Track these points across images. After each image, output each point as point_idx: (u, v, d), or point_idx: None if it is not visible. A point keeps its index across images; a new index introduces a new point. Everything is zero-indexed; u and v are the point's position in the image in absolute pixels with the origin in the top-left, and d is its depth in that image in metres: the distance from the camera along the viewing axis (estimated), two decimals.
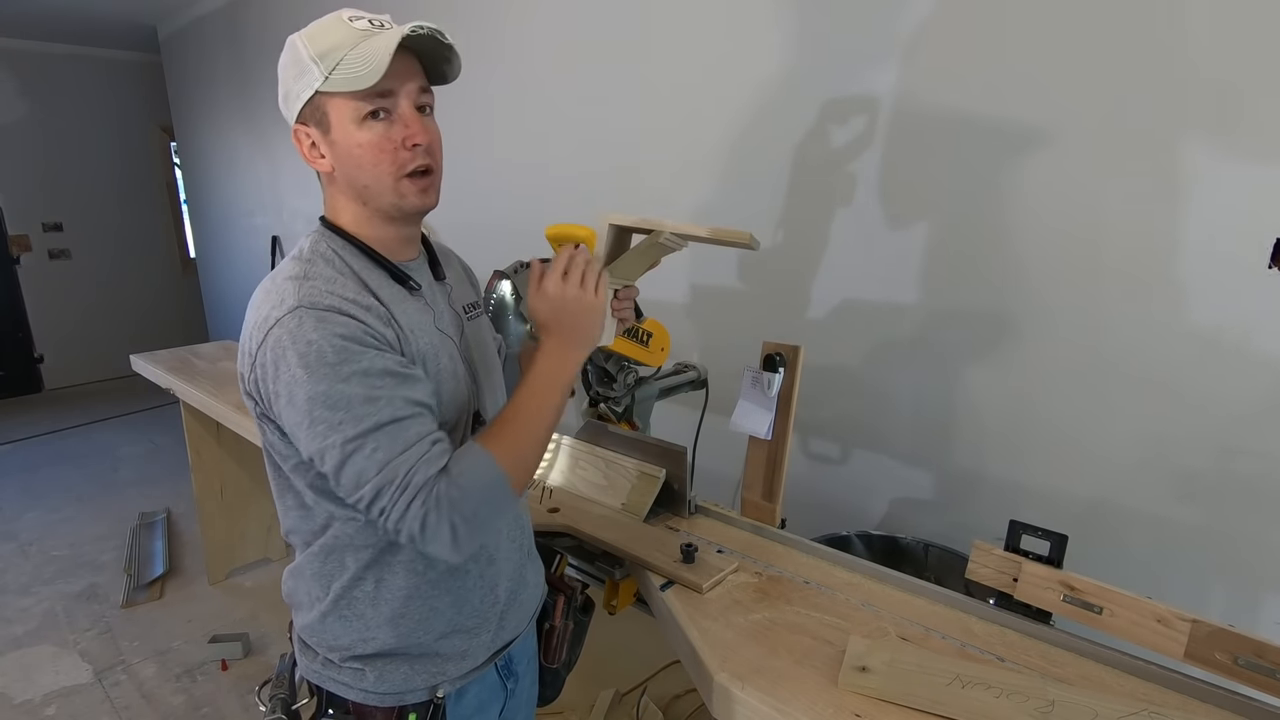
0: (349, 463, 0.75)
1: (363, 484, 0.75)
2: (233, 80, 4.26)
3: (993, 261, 1.53)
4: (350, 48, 0.78)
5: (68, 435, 4.69)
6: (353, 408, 0.74)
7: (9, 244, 5.38)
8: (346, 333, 0.75)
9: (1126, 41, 1.31)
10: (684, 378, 1.73)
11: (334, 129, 0.81)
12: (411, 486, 0.75)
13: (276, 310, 0.77)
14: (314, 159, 0.84)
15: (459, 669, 0.93)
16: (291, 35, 0.82)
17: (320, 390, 0.74)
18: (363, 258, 0.85)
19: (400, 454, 0.75)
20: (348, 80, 0.77)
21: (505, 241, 2.46)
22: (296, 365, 0.74)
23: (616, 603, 1.30)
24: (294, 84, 0.81)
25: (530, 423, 0.83)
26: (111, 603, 2.77)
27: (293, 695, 0.98)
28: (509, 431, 0.81)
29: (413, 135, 0.81)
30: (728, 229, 0.91)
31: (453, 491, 0.76)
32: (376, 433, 0.75)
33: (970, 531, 1.21)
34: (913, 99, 1.59)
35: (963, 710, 0.85)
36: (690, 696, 1.81)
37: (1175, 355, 1.33)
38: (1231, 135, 1.23)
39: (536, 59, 2.42)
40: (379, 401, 0.75)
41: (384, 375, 0.76)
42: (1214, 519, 1.33)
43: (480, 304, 1.04)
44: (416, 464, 0.75)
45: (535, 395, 0.83)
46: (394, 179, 0.82)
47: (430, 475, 0.75)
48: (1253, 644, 0.86)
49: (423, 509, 0.75)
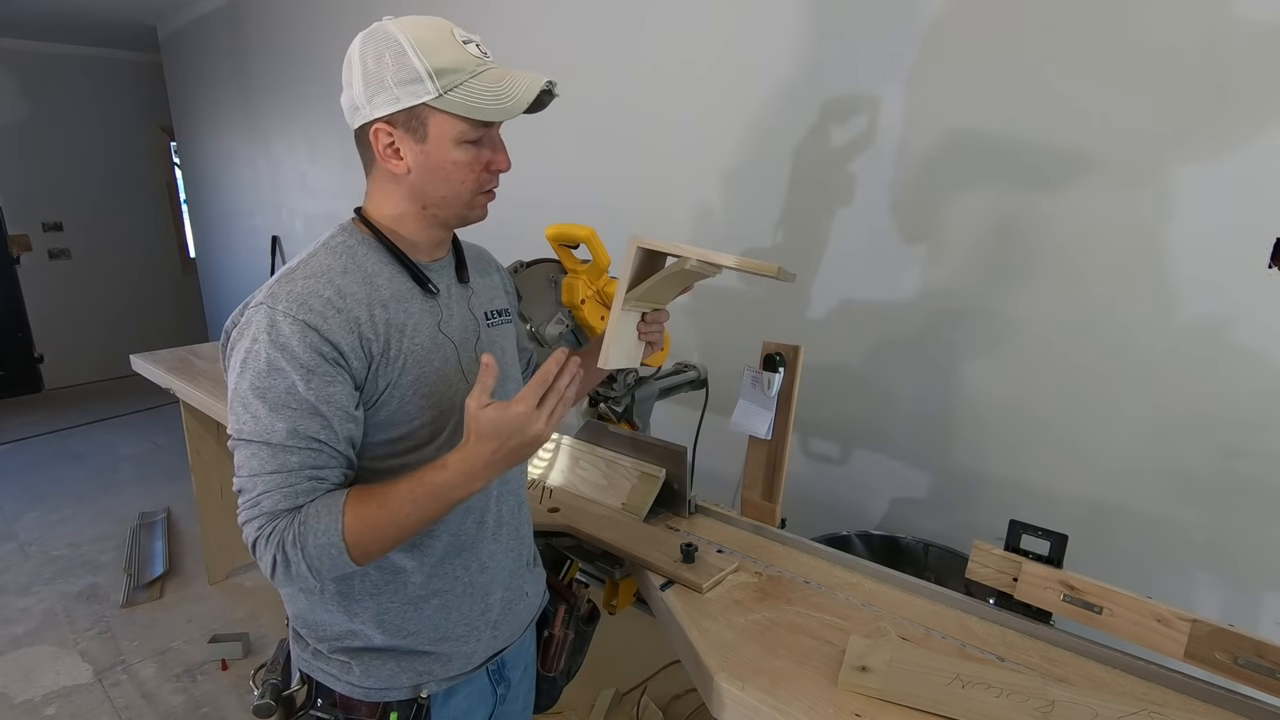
0: (235, 454, 0.80)
1: (235, 476, 0.81)
2: (233, 80, 4.26)
3: (993, 261, 1.53)
4: (470, 74, 0.80)
5: (68, 435, 4.69)
6: (259, 418, 0.78)
7: (9, 244, 5.38)
8: (286, 345, 0.77)
9: (1126, 46, 1.31)
10: (684, 378, 1.73)
11: (431, 141, 0.82)
12: (258, 508, 0.78)
13: (257, 296, 0.82)
14: (387, 157, 0.84)
15: (446, 671, 0.94)
16: (389, 27, 0.80)
17: (244, 388, 0.79)
18: (384, 254, 0.87)
19: (268, 474, 0.78)
20: (471, 108, 0.80)
21: (506, 240, 2.45)
22: (237, 359, 0.80)
23: (616, 603, 1.30)
24: (395, 86, 0.79)
25: (403, 516, 0.78)
26: (111, 603, 2.77)
27: (285, 681, 0.98)
28: (378, 511, 0.78)
29: (499, 163, 0.87)
30: (755, 261, 0.89)
31: (288, 534, 0.77)
32: (262, 446, 0.78)
33: (970, 531, 1.21)
34: (913, 99, 1.59)
35: (963, 710, 0.85)
36: (690, 696, 1.81)
37: (1175, 355, 1.33)
38: (1231, 134, 1.23)
39: (540, 59, 2.42)
40: (278, 423, 0.78)
41: (299, 403, 0.78)
42: (1214, 519, 1.33)
43: (508, 313, 1.04)
44: (275, 490, 0.78)
45: (421, 494, 0.78)
46: (473, 194, 0.87)
47: (278, 509, 0.78)
48: (1253, 644, 0.86)
49: (257, 532, 0.78)
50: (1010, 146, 1.47)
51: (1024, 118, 1.44)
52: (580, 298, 1.39)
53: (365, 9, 2.98)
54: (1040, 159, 1.43)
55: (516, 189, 2.61)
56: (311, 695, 0.94)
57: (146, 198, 6.02)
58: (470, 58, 0.81)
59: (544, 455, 1.59)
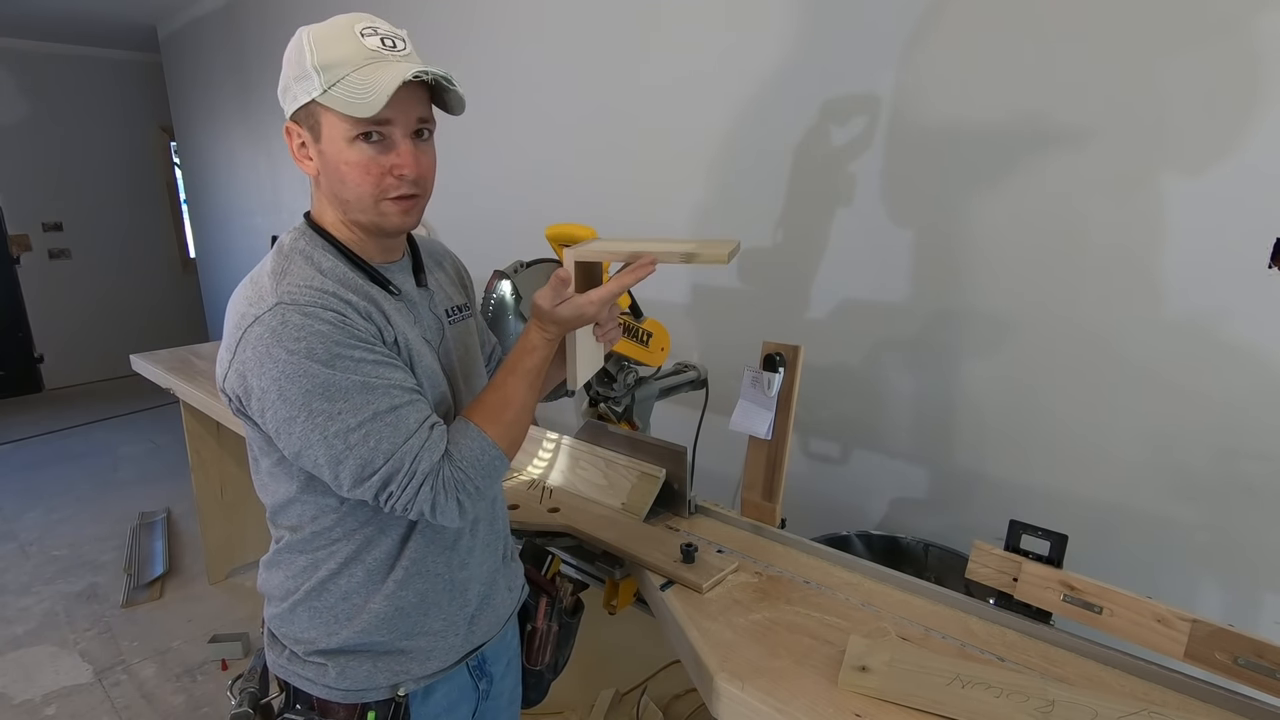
0: (352, 452, 0.77)
1: (369, 473, 0.78)
2: (232, 80, 4.26)
3: (993, 261, 1.53)
4: (354, 68, 0.76)
5: (68, 435, 4.69)
6: (351, 397, 0.76)
7: (9, 244, 5.38)
8: (331, 326, 0.76)
9: (1124, 44, 1.31)
10: (684, 378, 1.73)
11: (324, 140, 0.80)
12: (419, 474, 0.79)
13: (255, 307, 0.78)
14: (301, 159, 0.85)
15: (424, 669, 0.94)
16: (302, 28, 0.80)
17: (317, 383, 0.75)
18: (340, 258, 0.85)
19: (404, 442, 0.79)
20: (345, 102, 0.76)
21: (505, 240, 2.46)
22: (286, 360, 0.75)
23: (616, 603, 1.30)
24: (293, 84, 0.80)
25: (526, 400, 0.87)
26: (111, 603, 2.77)
27: (263, 689, 0.99)
28: (497, 404, 0.86)
29: (401, 166, 0.80)
30: (705, 250, 0.84)
31: (457, 474, 0.81)
32: (376, 421, 0.77)
33: (970, 531, 1.21)
34: (913, 99, 1.59)
35: (963, 710, 0.85)
36: (690, 696, 1.81)
37: (1175, 354, 1.33)
38: (1230, 134, 1.23)
39: (540, 57, 2.42)
40: (375, 390, 0.77)
41: (375, 364, 0.78)
42: (1214, 518, 1.33)
43: (468, 306, 1.04)
44: (420, 451, 0.79)
45: (533, 378, 0.88)
46: (374, 200, 0.81)
47: (434, 461, 0.80)
48: (1253, 644, 0.86)
49: (431, 493, 0.80)
50: (1011, 146, 1.47)
51: (1025, 119, 1.44)
52: None
53: (365, 9, 2.97)
54: (1040, 158, 1.43)
55: (518, 187, 2.62)
56: (289, 701, 0.94)
57: (146, 198, 6.02)
58: (362, 51, 0.77)
59: (544, 455, 1.59)
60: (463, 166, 2.71)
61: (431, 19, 2.75)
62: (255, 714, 0.98)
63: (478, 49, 2.60)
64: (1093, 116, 1.36)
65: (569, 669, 1.25)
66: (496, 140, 2.63)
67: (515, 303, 1.65)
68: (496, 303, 1.64)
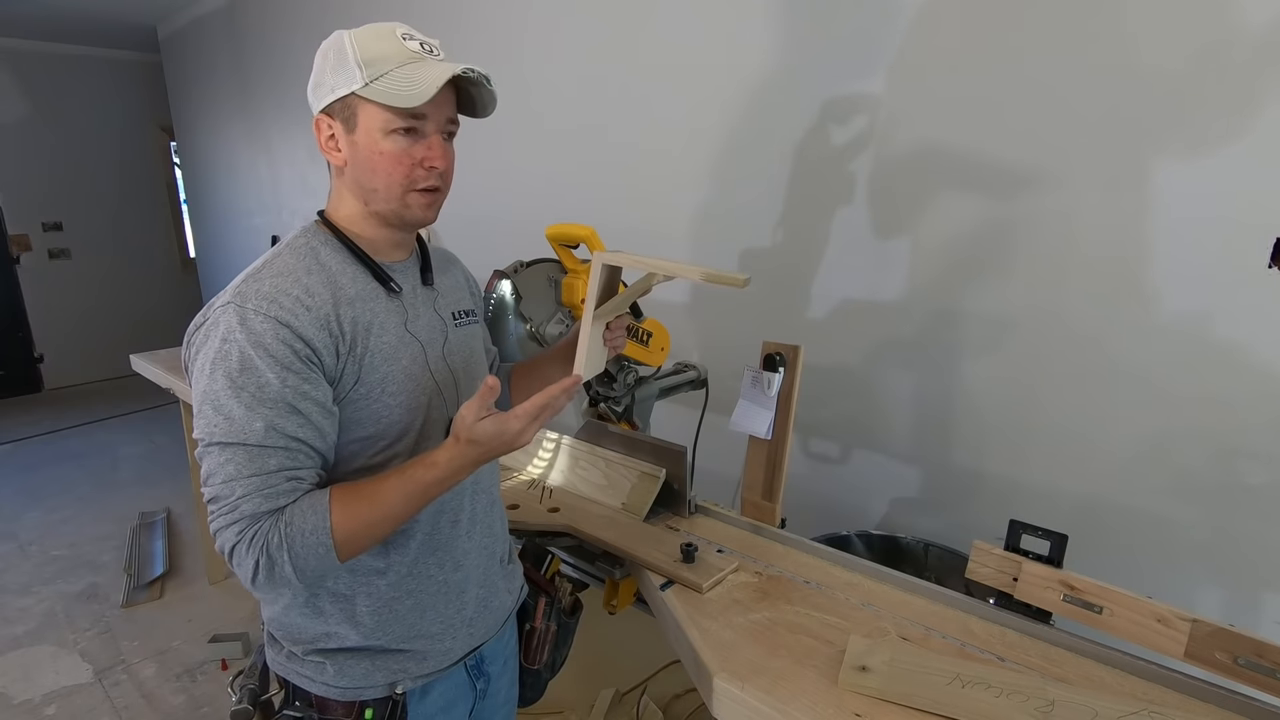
0: (205, 460, 0.78)
1: (206, 485, 0.78)
2: (232, 80, 4.26)
3: (993, 261, 1.53)
4: (398, 64, 0.81)
5: (68, 435, 4.69)
6: (234, 418, 0.77)
7: (9, 244, 5.38)
8: (260, 342, 0.77)
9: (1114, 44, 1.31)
10: (684, 378, 1.73)
11: (359, 131, 0.84)
12: (237, 512, 0.76)
13: (220, 299, 0.81)
14: (329, 150, 0.87)
15: (421, 668, 0.94)
16: (340, 30, 0.85)
17: (215, 390, 0.77)
18: (345, 254, 0.87)
19: (247, 477, 0.77)
20: (389, 94, 0.81)
21: (505, 240, 2.46)
22: (205, 360, 0.78)
23: (616, 603, 1.30)
24: (330, 77, 0.83)
25: (394, 511, 0.80)
26: (111, 603, 2.77)
27: (263, 686, 0.99)
28: (369, 508, 0.79)
29: (432, 158, 0.85)
30: (724, 274, 0.88)
31: (273, 536, 0.76)
32: (239, 448, 0.77)
33: (970, 531, 1.21)
34: (912, 100, 1.59)
35: (963, 710, 0.85)
36: (690, 696, 1.81)
37: (1175, 355, 1.33)
38: (1230, 133, 1.23)
39: (540, 59, 2.42)
40: (255, 422, 0.77)
41: (274, 401, 0.77)
42: (1214, 518, 1.33)
43: (475, 313, 1.05)
44: (255, 493, 0.76)
45: (413, 490, 0.80)
46: (403, 190, 0.86)
47: (260, 510, 0.77)
48: (1253, 644, 0.86)
49: (237, 537, 0.76)
50: (1010, 145, 1.47)
51: (1025, 118, 1.44)
52: (580, 297, 1.39)
53: (365, 9, 2.98)
54: (1039, 158, 1.43)
55: (519, 187, 2.62)
56: (289, 698, 0.94)
57: (146, 198, 6.02)
58: (404, 51, 0.82)
59: (544, 455, 1.59)
60: (465, 165, 2.71)
61: (431, 26, 2.75)
62: (255, 711, 0.98)
63: (475, 55, 2.60)
64: (1094, 117, 1.36)
65: (569, 669, 1.25)
66: (499, 140, 2.63)
67: (515, 302, 1.65)
68: (497, 302, 1.64)
